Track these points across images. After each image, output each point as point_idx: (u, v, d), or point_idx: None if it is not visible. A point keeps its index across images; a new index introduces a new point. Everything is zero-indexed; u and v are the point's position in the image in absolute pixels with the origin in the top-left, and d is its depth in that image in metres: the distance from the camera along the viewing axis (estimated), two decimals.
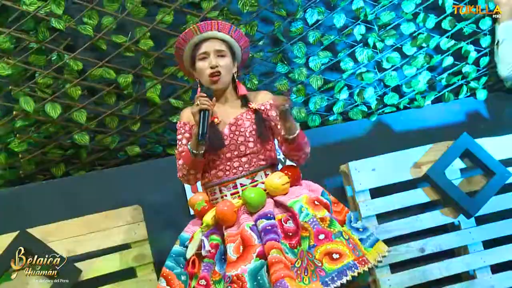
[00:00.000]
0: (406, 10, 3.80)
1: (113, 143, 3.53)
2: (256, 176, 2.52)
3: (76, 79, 3.40)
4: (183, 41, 2.59)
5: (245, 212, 2.45)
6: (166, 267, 2.48)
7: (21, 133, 3.36)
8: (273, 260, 2.23)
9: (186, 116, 2.62)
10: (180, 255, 2.49)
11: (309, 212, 2.39)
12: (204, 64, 2.55)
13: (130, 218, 3.23)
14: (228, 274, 2.26)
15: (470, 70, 3.97)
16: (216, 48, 2.56)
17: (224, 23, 2.59)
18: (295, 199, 2.46)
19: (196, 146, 2.44)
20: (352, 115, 3.90)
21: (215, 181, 2.53)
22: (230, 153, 2.51)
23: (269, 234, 2.31)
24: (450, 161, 3.62)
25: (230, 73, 2.60)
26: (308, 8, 3.72)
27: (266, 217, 2.40)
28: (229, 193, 2.52)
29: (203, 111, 2.41)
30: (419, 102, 3.94)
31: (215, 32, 2.57)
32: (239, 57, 2.67)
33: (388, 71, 3.87)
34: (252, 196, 2.44)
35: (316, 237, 2.33)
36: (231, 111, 2.58)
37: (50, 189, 3.36)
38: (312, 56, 3.77)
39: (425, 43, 3.87)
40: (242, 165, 2.51)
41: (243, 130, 2.52)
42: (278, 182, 2.51)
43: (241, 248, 2.33)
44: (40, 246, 3.03)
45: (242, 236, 2.36)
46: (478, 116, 4.02)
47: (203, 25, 2.56)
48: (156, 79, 3.54)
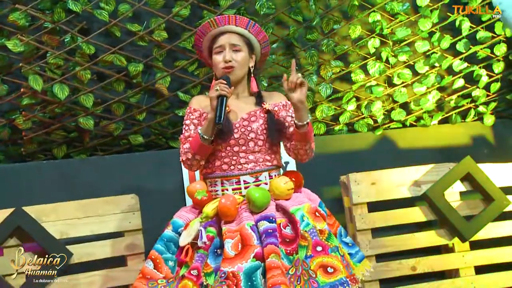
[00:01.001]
0: (422, 28, 3.80)
1: (117, 130, 3.54)
2: (260, 176, 2.52)
3: (87, 63, 3.40)
4: (201, 33, 2.62)
5: (246, 210, 2.45)
6: (156, 250, 2.44)
7: (26, 111, 3.37)
8: (272, 265, 2.24)
9: (196, 103, 2.63)
10: (171, 240, 2.46)
11: (309, 222, 2.39)
12: (219, 58, 2.57)
13: (126, 207, 3.23)
14: (224, 269, 2.25)
15: (479, 95, 3.96)
16: (232, 42, 2.57)
17: (242, 17, 2.60)
18: (298, 206, 2.46)
19: (207, 131, 2.43)
20: (358, 127, 3.90)
21: (217, 173, 2.52)
22: (238, 147, 2.50)
23: (270, 238, 2.31)
24: (450, 183, 3.62)
25: (244, 67, 2.60)
26: (324, 16, 3.72)
27: (268, 219, 2.39)
28: (231, 188, 2.51)
29: (221, 97, 2.41)
30: (426, 121, 3.94)
31: (232, 26, 2.58)
32: (258, 52, 2.68)
33: (398, 87, 3.87)
34: (257, 196, 2.43)
35: (314, 248, 2.34)
36: (244, 106, 2.59)
37: (50, 170, 3.36)
38: (323, 64, 3.77)
39: (438, 63, 3.87)
40: (248, 162, 2.51)
41: (255, 127, 2.52)
42: (284, 186, 2.51)
43: (239, 246, 2.32)
44: (34, 225, 3.03)
45: (242, 234, 2.35)
46: (483, 141, 4.02)
47: (220, 18, 2.58)
48: (167, 71, 3.54)
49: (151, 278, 2.36)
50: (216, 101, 2.41)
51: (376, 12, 3.77)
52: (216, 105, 2.40)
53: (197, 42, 2.65)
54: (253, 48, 2.64)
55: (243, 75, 2.62)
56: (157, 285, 2.34)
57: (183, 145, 2.54)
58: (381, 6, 3.78)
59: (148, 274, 2.38)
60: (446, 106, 4.03)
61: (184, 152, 2.52)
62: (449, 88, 4.00)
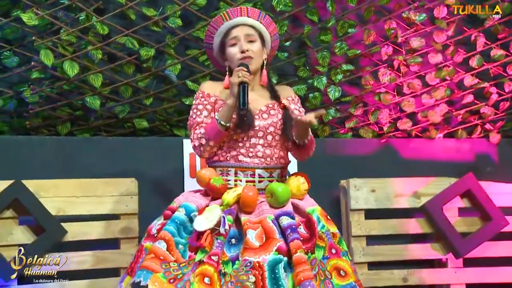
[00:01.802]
0: (437, 40, 3.78)
1: (122, 113, 3.54)
2: (274, 172, 2.52)
3: (100, 43, 3.40)
4: (213, 28, 2.61)
5: (266, 204, 2.45)
6: (169, 232, 2.34)
7: (35, 85, 3.37)
8: (302, 259, 2.25)
9: (209, 88, 2.60)
10: (183, 224, 2.38)
11: (324, 224, 2.43)
12: (235, 49, 2.55)
13: (125, 190, 3.23)
14: (250, 259, 2.24)
15: (488, 112, 3.95)
16: (246, 33, 2.56)
17: (253, 9, 2.60)
18: (313, 207, 2.48)
19: (226, 117, 2.42)
20: (363, 133, 3.89)
21: (231, 163, 2.50)
22: (255, 139, 2.49)
23: (295, 233, 2.33)
24: (450, 198, 3.61)
25: (260, 58, 2.59)
26: (341, 19, 3.70)
27: (289, 216, 2.40)
28: (245, 180, 2.49)
29: (243, 84, 2.40)
30: (431, 133, 3.92)
31: (245, 18, 2.58)
32: (268, 44, 2.67)
33: (406, 96, 3.86)
34: (280, 190, 2.43)
35: (329, 250, 2.38)
36: (260, 99, 2.57)
37: (52, 145, 3.36)
38: (334, 67, 3.76)
39: (449, 76, 3.85)
40: (264, 157, 2.49)
41: (275, 120, 2.52)
42: (302, 187, 2.54)
43: (263, 238, 2.32)
44: (31, 200, 3.03)
45: (264, 226, 2.35)
46: (487, 158, 4.00)
47: (232, 11, 2.58)
48: (177, 58, 3.54)
49: (164, 260, 2.27)
50: (238, 87, 2.41)
51: (392, 20, 3.75)
52: (238, 91, 2.40)
53: (208, 38, 2.63)
54: (265, 40, 2.64)
55: (259, 67, 2.61)
56: (169, 267, 2.26)
57: (195, 130, 2.50)
58: (398, 14, 3.75)
59: (162, 255, 2.28)
60: (453, 120, 4.01)
61: (198, 137, 2.48)
62: (458, 102, 3.98)
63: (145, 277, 2.21)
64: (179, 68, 3.54)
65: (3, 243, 2.99)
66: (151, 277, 2.21)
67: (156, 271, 2.23)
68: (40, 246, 3.03)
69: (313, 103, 3.76)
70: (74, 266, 3.10)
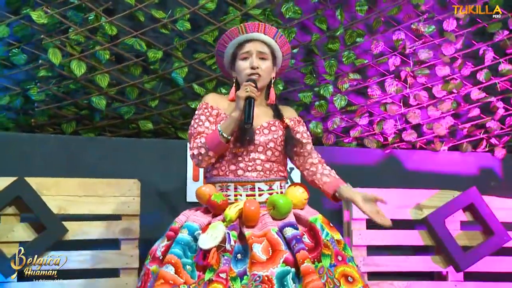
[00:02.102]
0: (445, 52, 3.77)
1: (127, 114, 3.54)
2: (273, 185, 2.51)
3: (108, 43, 3.41)
4: (227, 38, 2.59)
5: (269, 216, 2.44)
6: (175, 255, 2.32)
7: (42, 83, 3.38)
8: (310, 270, 2.24)
9: (213, 100, 2.59)
10: (187, 245, 2.37)
11: (328, 232, 2.42)
12: (245, 64, 2.54)
13: (127, 191, 3.24)
14: (258, 273, 2.22)
15: (494, 126, 3.94)
16: (259, 50, 2.55)
17: (271, 27, 2.58)
18: (315, 216, 2.47)
19: (228, 129, 2.42)
20: (367, 142, 3.88)
21: (230, 178, 2.49)
22: (255, 154, 2.48)
23: (300, 244, 2.31)
24: (452, 211, 3.61)
25: (269, 77, 2.59)
26: (349, 28, 3.71)
27: (293, 226, 2.39)
28: (245, 194, 2.48)
29: (249, 99, 2.41)
30: (436, 145, 3.92)
31: (261, 34, 2.56)
32: (279, 63, 2.67)
33: (413, 108, 3.85)
34: (281, 202, 2.42)
35: (335, 257, 2.37)
36: (262, 115, 2.57)
37: (57, 144, 3.36)
38: (341, 76, 3.76)
39: (456, 89, 3.85)
40: (264, 170, 2.49)
41: (276, 137, 2.52)
42: (301, 196, 2.52)
43: (270, 250, 2.30)
44: (33, 197, 3.04)
45: (269, 239, 2.33)
46: (491, 173, 3.99)
47: (250, 25, 2.56)
48: (185, 61, 3.54)
49: (174, 284, 2.25)
50: (244, 101, 2.41)
51: (401, 31, 3.75)
52: (244, 105, 2.40)
53: (221, 47, 2.62)
54: (276, 59, 2.63)
55: (266, 85, 2.60)
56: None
57: (195, 139, 2.49)
58: (407, 25, 3.75)
59: (171, 279, 2.25)
60: (458, 133, 4.00)
61: (197, 146, 2.46)
62: (464, 115, 3.97)
63: None
64: (186, 71, 3.55)
65: (4, 240, 2.99)
66: None
67: None
68: (41, 244, 3.04)
69: (318, 110, 3.76)
70: (74, 265, 3.11)
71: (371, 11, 3.70)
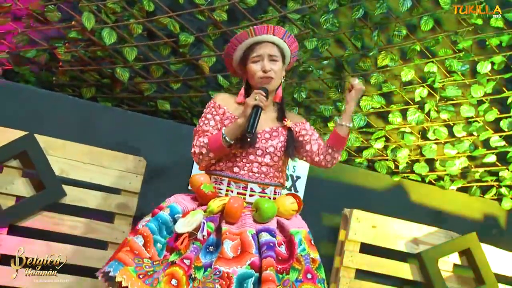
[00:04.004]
0: (473, 94, 3.73)
1: (148, 91, 3.55)
2: (267, 188, 2.52)
3: (143, 18, 3.40)
4: (237, 41, 2.59)
5: (250, 217, 2.45)
6: (149, 228, 2.39)
7: (70, 44, 3.39)
8: (269, 277, 2.25)
9: (221, 100, 2.60)
10: (165, 223, 2.43)
11: (305, 248, 2.42)
12: (257, 67, 2.54)
13: (132, 167, 3.24)
14: (220, 268, 2.26)
15: (507, 177, 3.90)
16: (269, 53, 2.55)
17: (280, 27, 2.59)
18: (297, 229, 2.47)
19: (232, 134, 2.43)
20: (378, 166, 3.87)
21: (227, 173, 2.51)
22: (254, 156, 2.50)
23: (270, 251, 2.33)
24: (447, 252, 3.60)
25: (280, 78, 2.60)
26: (383, 50, 3.67)
27: (270, 233, 2.40)
28: (237, 191, 2.50)
29: (257, 107, 2.42)
30: (445, 183, 3.89)
31: (270, 36, 2.56)
32: (288, 61, 2.67)
33: (430, 142, 3.82)
34: (266, 206, 2.43)
35: (305, 274, 2.37)
36: (267, 119, 2.58)
37: (73, 106, 3.36)
38: (365, 96, 3.73)
39: (477, 133, 3.81)
40: (260, 172, 2.50)
41: (275, 142, 2.53)
42: (290, 206, 2.52)
43: (239, 250, 2.33)
44: (38, 154, 3.04)
45: (242, 239, 2.36)
46: (495, 222, 3.97)
47: (259, 28, 2.57)
48: (214, 51, 3.53)
49: (138, 255, 2.31)
50: (251, 110, 2.42)
51: (434, 64, 3.71)
52: (250, 113, 2.41)
53: (230, 50, 2.62)
54: (285, 58, 2.64)
55: (277, 86, 2.61)
56: (142, 263, 2.29)
57: (199, 138, 2.52)
58: (441, 60, 3.71)
59: (137, 249, 2.33)
60: (469, 176, 3.97)
61: (200, 145, 2.49)
62: (479, 160, 3.93)
63: (115, 268, 2.25)
64: (214, 61, 3.54)
65: (2, 191, 3.00)
66: (121, 269, 2.24)
67: (128, 264, 2.27)
68: (37, 202, 3.06)
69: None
70: (65, 229, 3.12)
71: (408, 38, 3.66)
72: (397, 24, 3.63)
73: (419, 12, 3.60)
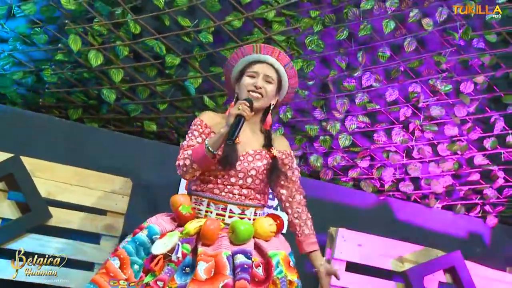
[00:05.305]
0: (457, 113, 3.77)
1: (134, 112, 3.57)
2: (247, 210, 2.52)
3: (129, 40, 3.43)
4: (241, 53, 2.60)
5: (226, 239, 2.45)
6: (125, 250, 2.41)
7: (57, 66, 3.41)
8: None
9: (208, 119, 2.61)
10: (143, 245, 2.43)
11: (283, 270, 2.41)
12: (250, 81, 2.54)
13: (118, 188, 3.26)
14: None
15: (490, 194, 3.94)
16: (266, 73, 2.56)
17: (285, 55, 2.59)
18: (275, 251, 2.46)
19: (214, 144, 2.41)
20: (363, 185, 3.90)
21: (207, 194, 2.51)
22: (235, 179, 2.50)
23: (244, 273, 2.32)
24: (433, 270, 3.62)
25: (269, 101, 2.59)
26: (368, 71, 3.71)
27: (246, 255, 2.39)
28: (216, 212, 2.50)
29: (239, 117, 2.41)
30: (430, 202, 3.93)
31: (273, 59, 2.57)
32: (283, 93, 2.66)
33: (414, 160, 3.86)
34: (242, 228, 2.43)
35: None
36: (252, 141, 2.58)
37: (60, 127, 3.38)
38: (351, 116, 3.77)
39: (461, 151, 3.85)
40: (240, 194, 2.50)
41: (259, 165, 2.52)
42: (268, 228, 2.52)
43: (212, 272, 2.32)
44: (24, 176, 3.06)
45: (217, 261, 2.35)
46: (479, 240, 4.00)
47: (265, 47, 2.57)
48: (200, 72, 3.56)
49: (114, 277, 2.33)
50: (234, 119, 2.41)
51: (418, 84, 3.75)
52: (233, 123, 2.40)
53: (232, 61, 2.63)
54: (281, 88, 2.63)
55: (263, 109, 2.61)
56: (118, 285, 2.31)
57: (184, 151, 2.51)
58: (425, 80, 3.75)
59: (112, 272, 2.35)
60: (454, 194, 4.01)
61: (184, 157, 2.48)
62: (464, 178, 3.98)
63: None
64: (200, 82, 3.57)
65: None
66: None
67: (103, 286, 2.30)
68: (23, 224, 3.07)
69: (322, 145, 3.77)
70: (52, 251, 3.11)
71: (392, 59, 3.71)
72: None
73: (403, 34, 3.65)
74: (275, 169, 2.54)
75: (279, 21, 3.56)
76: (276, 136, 2.70)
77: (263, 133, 2.63)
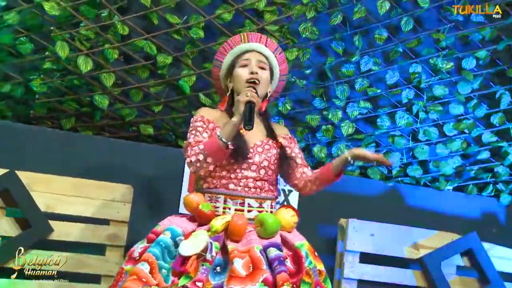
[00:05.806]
0: (461, 91, 3.68)
1: (129, 116, 3.47)
2: (264, 203, 2.46)
3: (118, 42, 3.33)
4: (228, 46, 2.57)
5: (255, 233, 2.39)
6: (153, 254, 2.27)
7: (45, 75, 3.30)
8: None
9: (207, 114, 2.54)
10: (167, 248, 2.32)
11: (312, 261, 2.36)
12: (244, 71, 2.50)
13: (119, 196, 3.15)
14: (234, 287, 2.17)
15: (502, 172, 3.84)
16: (258, 59, 2.53)
17: (273, 41, 2.58)
18: (301, 242, 2.41)
19: (228, 134, 2.33)
20: (370, 173, 3.79)
21: (221, 190, 2.44)
22: (248, 172, 2.44)
23: (282, 266, 2.26)
24: (449, 254, 3.52)
25: (266, 88, 2.55)
26: (365, 55, 3.61)
27: (278, 247, 2.34)
28: (234, 208, 2.42)
29: (249, 103, 2.35)
30: (441, 184, 3.82)
31: (262, 46, 2.56)
32: (275, 80, 2.63)
33: (421, 143, 3.76)
34: (270, 221, 2.37)
35: (315, 287, 2.31)
36: (257, 134, 2.52)
37: (54, 138, 3.28)
38: (352, 102, 3.67)
39: (468, 130, 3.75)
40: (255, 187, 2.44)
41: (269, 155, 2.48)
42: (290, 219, 2.47)
43: (250, 267, 2.25)
44: (22, 193, 2.95)
45: (252, 256, 2.28)
46: (495, 219, 3.90)
47: (252, 35, 2.57)
48: (194, 70, 3.46)
49: (146, 282, 2.20)
50: (244, 106, 2.34)
51: (418, 64, 3.65)
52: (244, 110, 2.34)
53: (220, 55, 2.59)
54: (273, 75, 2.60)
55: (262, 97, 2.53)
56: None
57: (193, 147, 2.40)
58: (425, 59, 3.65)
59: (144, 277, 2.20)
60: (465, 175, 3.90)
61: (195, 153, 2.37)
62: (473, 157, 3.87)
63: None
64: (194, 80, 3.47)
65: None
66: None
67: None
68: (24, 240, 2.94)
69: (324, 135, 3.67)
70: (55, 266, 3.00)
71: (390, 40, 3.60)
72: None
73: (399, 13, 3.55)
74: (284, 158, 2.51)
75: (270, 11, 3.46)
76: (274, 124, 2.66)
77: (263, 124, 2.58)
